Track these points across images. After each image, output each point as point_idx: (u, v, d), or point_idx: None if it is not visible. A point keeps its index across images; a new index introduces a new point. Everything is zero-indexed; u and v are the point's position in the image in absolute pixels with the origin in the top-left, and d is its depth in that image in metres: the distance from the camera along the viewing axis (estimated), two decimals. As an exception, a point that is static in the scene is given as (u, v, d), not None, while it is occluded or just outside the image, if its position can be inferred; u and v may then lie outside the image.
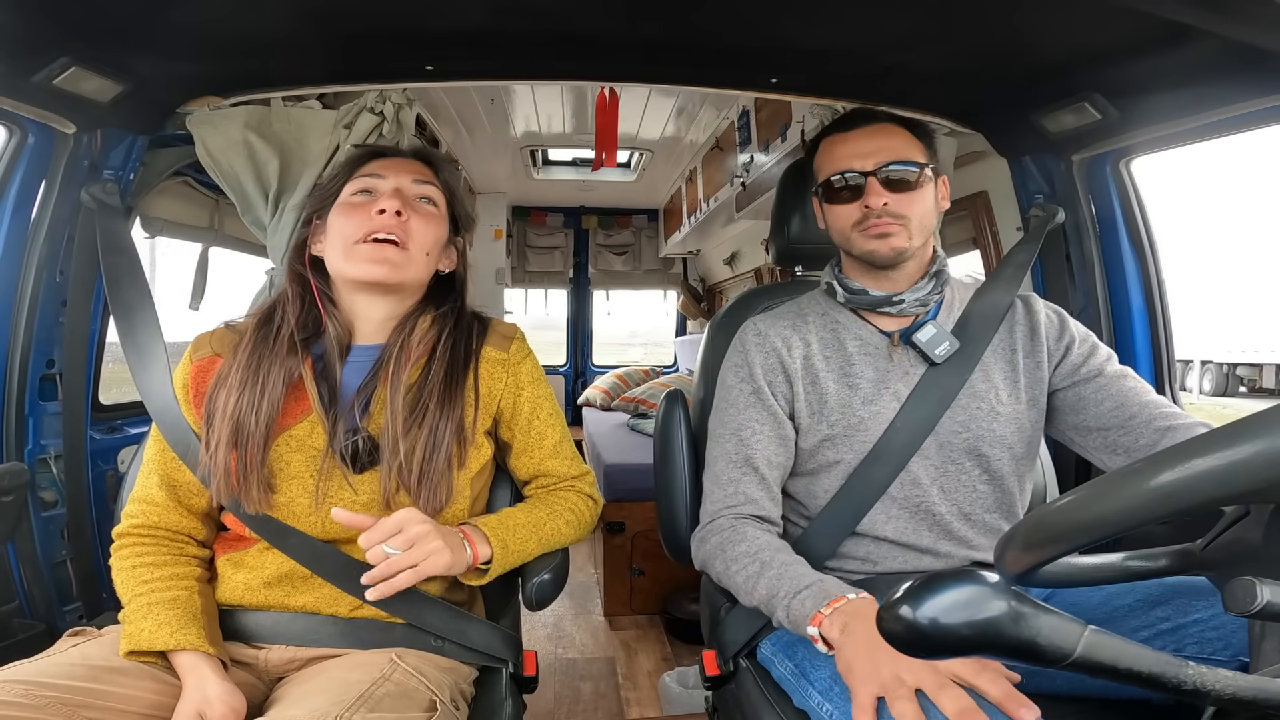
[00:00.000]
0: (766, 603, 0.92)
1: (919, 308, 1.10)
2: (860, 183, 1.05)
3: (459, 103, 2.79)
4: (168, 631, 0.88)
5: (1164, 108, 1.19)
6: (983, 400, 1.07)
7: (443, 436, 0.98)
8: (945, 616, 0.39)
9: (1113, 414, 1.04)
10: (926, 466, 1.06)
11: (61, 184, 1.33)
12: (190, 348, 1.07)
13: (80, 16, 1.05)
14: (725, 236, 4.07)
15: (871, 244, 1.05)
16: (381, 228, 1.00)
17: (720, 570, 1.02)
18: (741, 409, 1.11)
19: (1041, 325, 1.11)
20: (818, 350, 1.12)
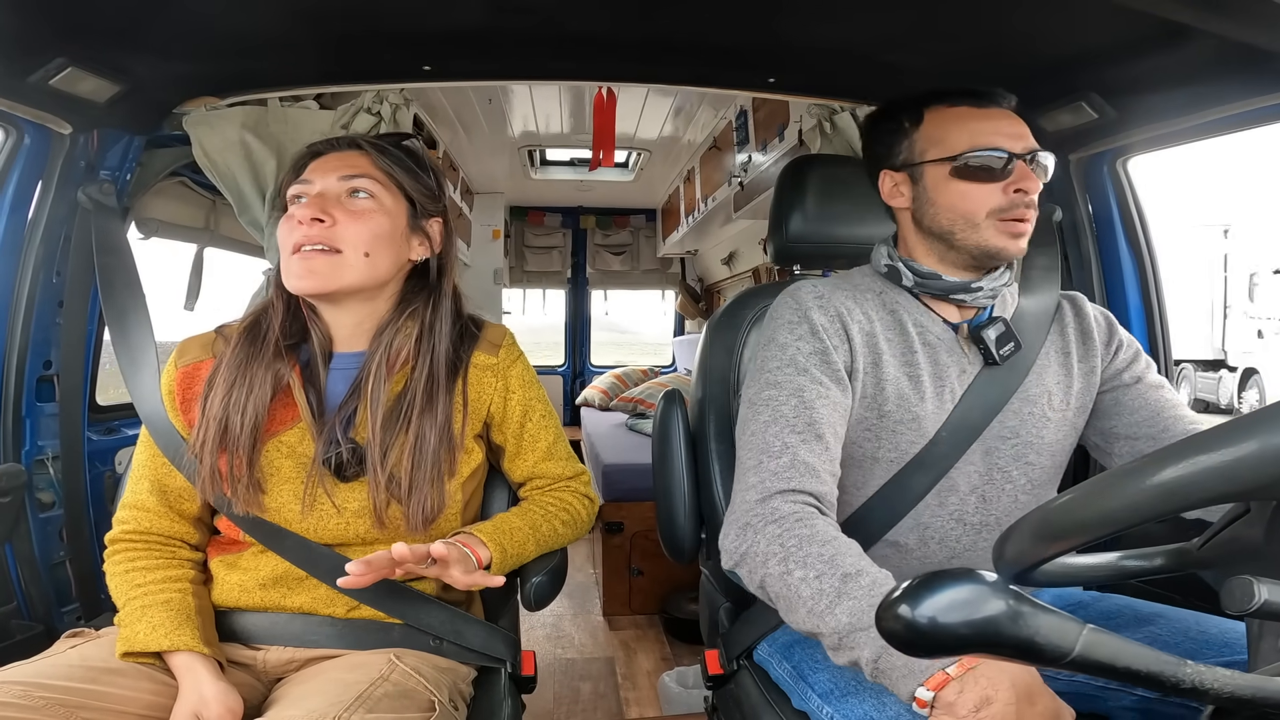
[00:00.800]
0: (845, 635, 0.71)
1: (990, 299, 1.00)
2: (1007, 165, 0.92)
3: (456, 103, 2.79)
4: (162, 633, 0.88)
5: (1161, 107, 1.19)
6: (1035, 404, 0.99)
7: (428, 446, 0.97)
8: (944, 615, 0.39)
9: (1145, 424, 0.98)
10: (969, 473, 0.97)
11: (58, 184, 1.32)
12: (175, 353, 1.05)
13: (77, 17, 1.04)
14: (723, 236, 4.07)
15: (1004, 240, 0.93)
16: (305, 239, 0.95)
17: (776, 573, 0.79)
18: (802, 368, 0.93)
19: (1094, 328, 1.05)
20: (880, 329, 0.99)
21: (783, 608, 0.80)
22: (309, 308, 1.03)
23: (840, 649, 0.72)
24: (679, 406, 1.27)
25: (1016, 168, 0.92)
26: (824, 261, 1.34)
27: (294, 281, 0.97)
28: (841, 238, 1.26)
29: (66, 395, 1.42)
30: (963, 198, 0.94)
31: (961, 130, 0.95)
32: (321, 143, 1.05)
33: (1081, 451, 1.47)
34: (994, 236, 0.93)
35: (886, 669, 0.67)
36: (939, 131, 0.97)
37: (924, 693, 0.63)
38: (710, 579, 1.28)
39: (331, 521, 0.97)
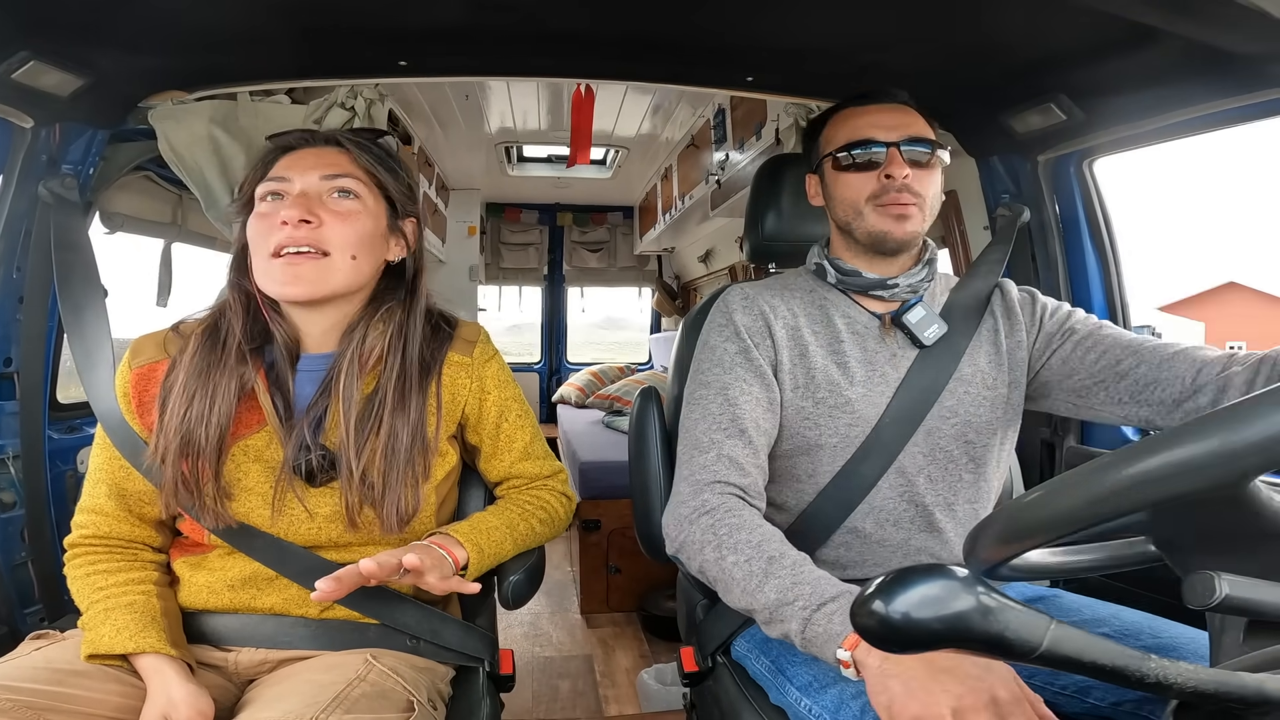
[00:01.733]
0: (774, 609, 0.80)
1: (910, 293, 1.06)
2: (879, 156, 1.01)
3: (432, 98, 2.76)
4: (127, 635, 0.87)
5: (1127, 109, 1.21)
6: (970, 385, 1.04)
7: (401, 447, 0.95)
8: (917, 611, 0.40)
9: (1103, 366, 0.99)
10: (914, 455, 1.02)
11: (19, 178, 1.29)
12: (129, 353, 1.00)
13: (41, 11, 1.02)
14: (700, 234, 4.08)
15: (887, 223, 1.00)
16: (289, 241, 0.92)
17: (711, 558, 0.89)
18: (727, 368, 1.02)
19: (1015, 304, 1.10)
20: (805, 323, 1.06)
21: (720, 589, 0.89)
22: (271, 308, 0.98)
23: (771, 623, 0.81)
24: (655, 403, 1.27)
25: (888, 155, 1.00)
26: (799, 260, 1.35)
27: (278, 288, 0.93)
28: (817, 236, 1.27)
29: (26, 393, 1.38)
30: (846, 187, 1.04)
31: (843, 127, 1.06)
32: (293, 136, 1.01)
33: (1047, 446, 1.51)
34: (876, 221, 1.01)
35: (812, 637, 0.76)
36: (831, 132, 1.08)
37: (843, 653, 0.72)
38: (687, 576, 1.28)
39: (303, 526, 0.95)
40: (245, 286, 0.99)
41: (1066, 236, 1.46)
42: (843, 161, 1.04)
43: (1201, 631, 0.78)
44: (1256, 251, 16.04)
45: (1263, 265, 12.17)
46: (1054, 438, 1.50)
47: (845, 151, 1.03)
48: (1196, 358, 0.91)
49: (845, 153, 1.03)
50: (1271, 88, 1.00)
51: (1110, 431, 1.44)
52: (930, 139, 1.02)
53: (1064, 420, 1.48)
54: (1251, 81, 1.01)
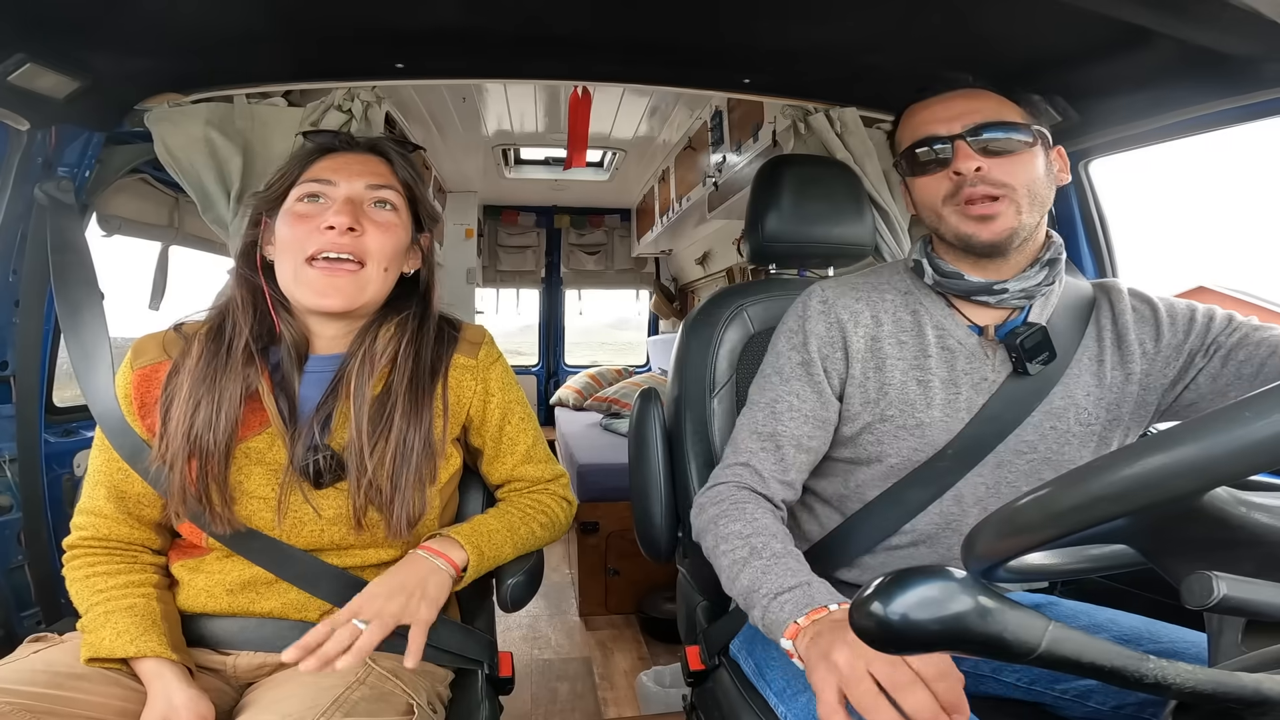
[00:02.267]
0: (745, 597, 0.81)
1: (1023, 299, 0.93)
2: (947, 151, 0.90)
3: (430, 101, 2.75)
4: (127, 639, 0.86)
5: (1123, 110, 1.22)
6: (1059, 419, 0.92)
7: (411, 449, 0.95)
8: (915, 612, 0.40)
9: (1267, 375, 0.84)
10: (976, 485, 0.93)
11: (15, 181, 1.28)
12: (130, 354, 1.00)
13: (37, 12, 1.01)
14: (698, 236, 4.08)
15: (969, 225, 0.89)
16: (332, 246, 0.92)
17: (710, 546, 0.90)
18: (785, 378, 0.98)
19: (1130, 327, 0.94)
20: (890, 331, 0.97)
21: (722, 581, 0.88)
22: (279, 308, 0.98)
23: (750, 611, 0.81)
24: (655, 405, 1.27)
25: (955, 149, 0.89)
26: (799, 261, 1.36)
27: (314, 298, 0.93)
28: (817, 237, 1.28)
29: (23, 396, 1.38)
30: (921, 191, 0.95)
31: (907, 127, 0.97)
32: (333, 138, 1.01)
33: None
34: (959, 223, 0.90)
35: (769, 624, 0.77)
36: (900, 136, 0.99)
37: (785, 642, 0.73)
38: (687, 577, 1.28)
39: (306, 529, 0.95)
40: (255, 282, 0.98)
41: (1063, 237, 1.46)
42: (912, 163, 0.95)
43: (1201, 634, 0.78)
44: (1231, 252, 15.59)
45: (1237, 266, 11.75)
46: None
47: (911, 153, 0.94)
48: None
49: (910, 155, 0.94)
50: (1266, 88, 1.01)
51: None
52: (1007, 121, 0.90)
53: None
54: (1246, 82, 1.01)
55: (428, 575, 0.92)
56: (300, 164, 0.98)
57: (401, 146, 1.05)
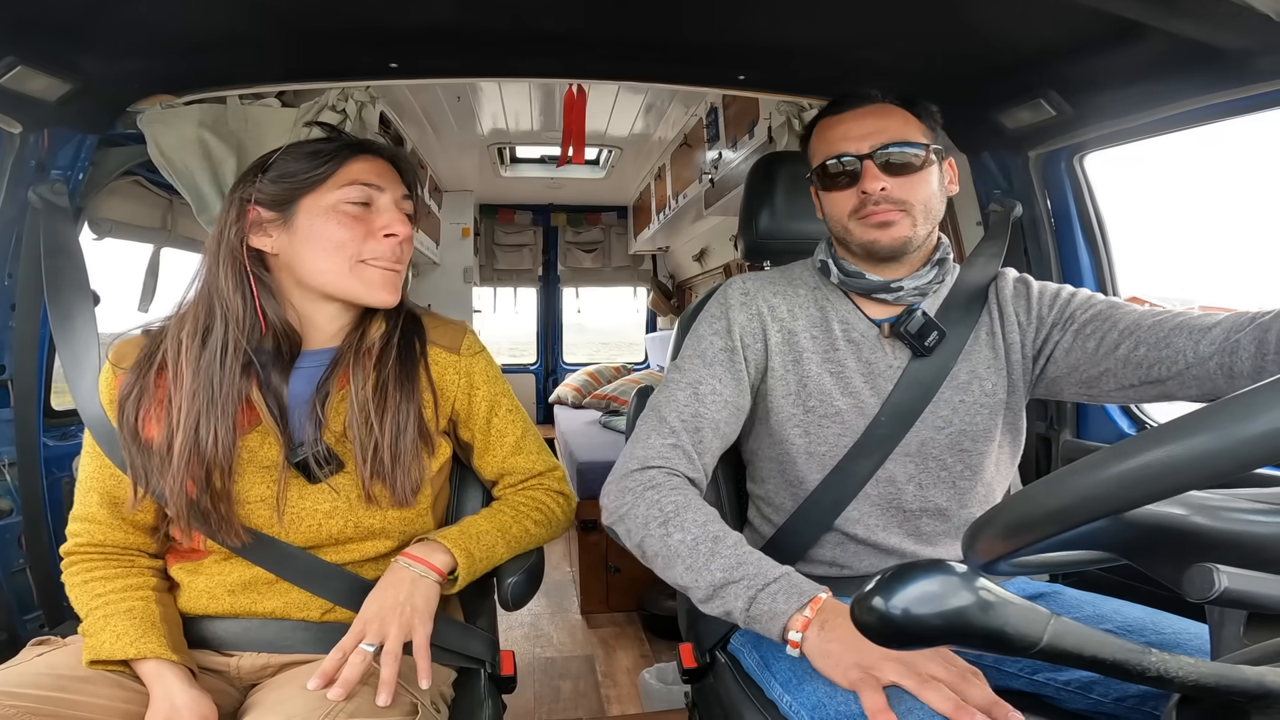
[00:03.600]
0: (719, 587, 0.82)
1: (917, 296, 1.03)
2: (856, 167, 0.98)
3: (424, 100, 2.75)
4: (127, 641, 0.86)
5: (1117, 104, 1.22)
6: (966, 391, 1.02)
7: (407, 419, 0.97)
8: (916, 607, 0.40)
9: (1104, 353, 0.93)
10: (905, 463, 1.01)
11: (8, 184, 1.27)
12: (111, 358, 0.98)
13: (26, 14, 1.01)
14: (694, 233, 4.08)
15: (871, 233, 0.98)
16: (391, 253, 0.97)
17: (656, 534, 0.89)
18: (708, 362, 1.02)
19: (1009, 298, 1.05)
20: (804, 326, 1.05)
21: (659, 564, 0.90)
22: (277, 305, 0.96)
23: (713, 599, 0.83)
24: (653, 403, 1.27)
25: (864, 169, 0.97)
26: (793, 257, 1.35)
27: (375, 293, 0.97)
28: (810, 233, 1.28)
29: (21, 400, 1.38)
30: (830, 204, 1.03)
31: (820, 142, 1.04)
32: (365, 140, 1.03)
33: (1043, 440, 1.52)
34: (861, 232, 0.99)
35: (756, 615, 0.79)
36: (813, 146, 1.06)
37: (793, 634, 0.76)
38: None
39: (304, 524, 0.95)
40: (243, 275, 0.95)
41: (1059, 231, 1.47)
42: (824, 177, 1.02)
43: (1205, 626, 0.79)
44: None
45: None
46: (1050, 432, 1.51)
47: (824, 167, 1.01)
48: (1196, 326, 0.86)
49: (823, 169, 1.02)
50: (1258, 82, 1.01)
51: (1107, 426, 1.44)
52: (912, 140, 0.98)
53: (1060, 414, 1.48)
54: (1239, 76, 1.01)
55: (412, 588, 0.92)
56: (337, 161, 0.96)
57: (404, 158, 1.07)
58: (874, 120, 0.99)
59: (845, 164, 0.99)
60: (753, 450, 1.11)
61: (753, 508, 1.14)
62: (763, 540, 1.09)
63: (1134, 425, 1.40)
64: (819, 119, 1.06)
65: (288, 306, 0.98)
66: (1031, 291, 1.05)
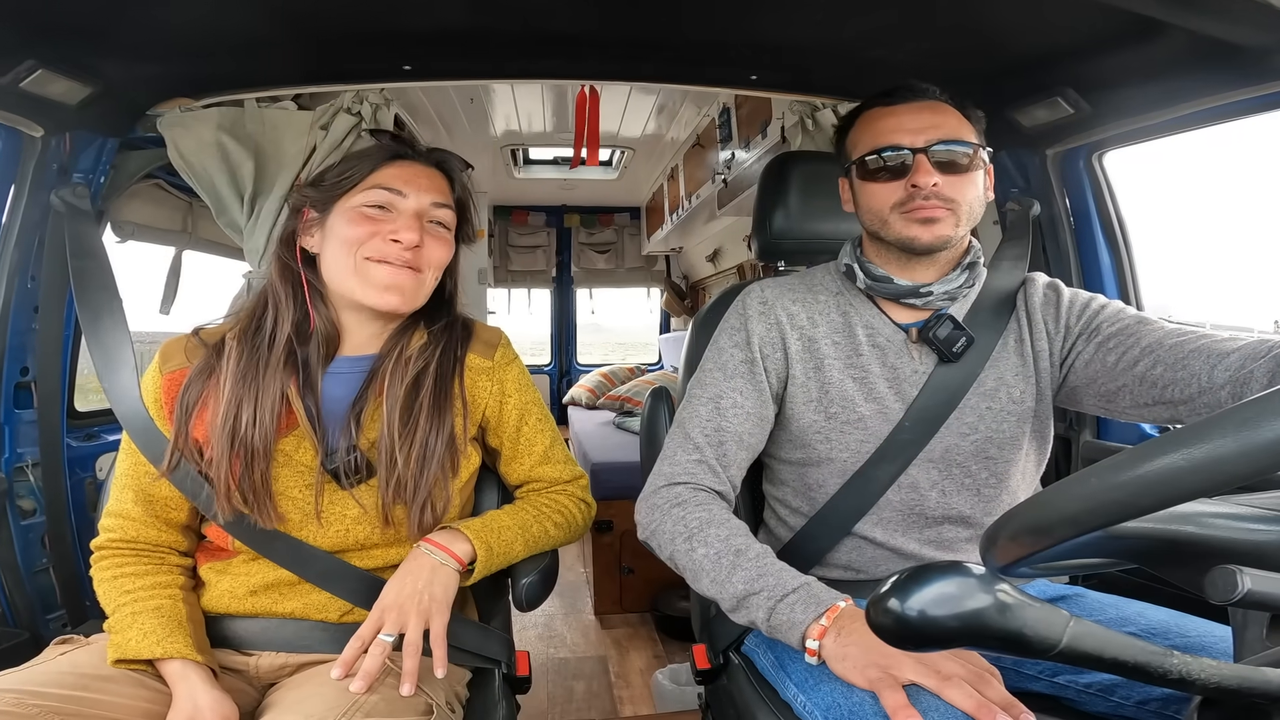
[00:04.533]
0: (741, 599, 0.83)
1: (946, 301, 1.01)
2: (907, 160, 0.95)
3: (437, 102, 2.76)
4: (154, 640, 0.87)
5: (1135, 102, 1.20)
6: (993, 399, 0.99)
7: (434, 448, 0.96)
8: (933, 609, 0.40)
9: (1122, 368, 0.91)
10: (928, 470, 0.99)
11: (31, 188, 1.30)
12: (159, 358, 1.01)
13: (47, 18, 1.02)
14: (708, 233, 4.07)
15: (914, 229, 0.95)
16: (396, 258, 0.95)
17: (682, 549, 0.91)
18: (729, 375, 1.01)
19: (1038, 305, 1.03)
20: (825, 332, 1.03)
21: (690, 578, 0.91)
22: (316, 300, 0.99)
23: (737, 610, 0.84)
24: (666, 404, 1.27)
25: (915, 163, 0.94)
26: (807, 258, 1.35)
27: (376, 294, 0.95)
28: (825, 233, 1.27)
29: (45, 401, 1.40)
30: (872, 196, 0.99)
31: (868, 131, 1.00)
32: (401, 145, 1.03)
33: (1063, 440, 1.50)
34: (902, 226, 0.96)
35: (776, 625, 0.80)
36: (857, 134, 1.02)
37: (811, 643, 0.77)
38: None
39: (332, 529, 0.96)
40: (295, 271, 0.99)
41: (1078, 230, 1.45)
42: (869, 168, 0.98)
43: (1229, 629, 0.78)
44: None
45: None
46: (1070, 432, 1.49)
47: (870, 158, 0.98)
48: (1214, 351, 0.84)
49: (870, 159, 0.98)
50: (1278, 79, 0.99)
51: (1128, 426, 1.42)
52: (966, 140, 0.96)
53: (1080, 414, 1.47)
54: (1258, 74, 1.00)
55: (432, 575, 0.93)
56: (369, 165, 0.99)
57: (456, 163, 1.08)
58: (930, 115, 0.96)
59: (896, 156, 0.95)
60: (771, 454, 1.10)
61: (769, 510, 1.14)
62: (779, 543, 1.08)
63: (1156, 426, 1.38)
64: (864, 109, 1.03)
65: (331, 308, 1.00)
66: (1062, 299, 1.03)
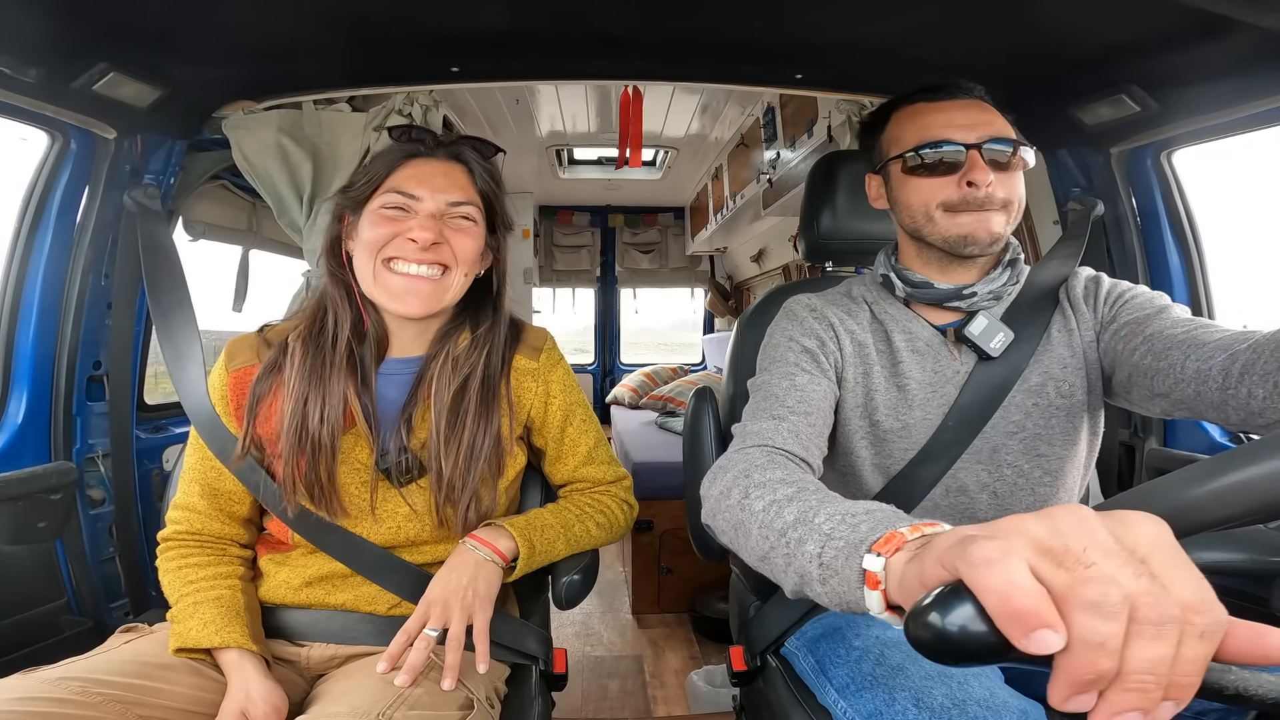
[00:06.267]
0: (791, 529, 0.62)
1: (991, 301, 0.98)
2: (959, 157, 0.91)
3: (484, 104, 2.81)
4: (213, 629, 0.91)
5: (1204, 99, 1.15)
6: (1040, 395, 0.96)
7: (480, 449, 0.98)
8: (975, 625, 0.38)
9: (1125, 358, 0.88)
10: (977, 471, 0.97)
11: (105, 188, 1.36)
12: (225, 355, 1.04)
13: (116, 20, 1.07)
14: (752, 233, 4.04)
15: (967, 226, 0.92)
16: (415, 258, 0.95)
17: (736, 502, 0.73)
18: (793, 363, 0.97)
19: (1080, 299, 0.99)
20: (869, 340, 1.02)
21: (740, 540, 0.71)
22: (372, 310, 1.01)
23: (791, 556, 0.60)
24: (710, 404, 1.26)
25: (968, 159, 0.91)
26: (856, 259, 1.33)
27: (391, 302, 0.96)
28: (874, 234, 1.25)
29: (116, 394, 1.46)
30: (916, 192, 0.96)
31: (914, 125, 0.96)
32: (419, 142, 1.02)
33: (1127, 448, 1.43)
34: (952, 225, 0.93)
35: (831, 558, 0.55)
36: (898, 130, 0.99)
37: (872, 560, 0.50)
38: (740, 577, 1.27)
39: (384, 525, 0.99)
40: (345, 278, 1.01)
41: (1146, 232, 1.39)
42: (912, 163, 0.95)
43: None
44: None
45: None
46: (1134, 440, 1.42)
47: (916, 153, 0.94)
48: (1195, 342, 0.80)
49: (916, 154, 0.94)
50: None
51: (1197, 434, 1.35)
52: (1012, 138, 0.93)
53: (1145, 420, 1.40)
54: None
55: (476, 571, 0.94)
56: (386, 166, 0.99)
57: (483, 150, 1.06)
58: (978, 113, 0.94)
59: (948, 153, 0.92)
60: None
61: None
62: None
63: (1227, 435, 1.31)
64: (902, 104, 1.00)
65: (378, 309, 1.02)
66: (1102, 288, 0.99)
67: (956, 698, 0.71)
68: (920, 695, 0.74)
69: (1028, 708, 0.73)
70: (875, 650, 0.84)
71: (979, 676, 0.76)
